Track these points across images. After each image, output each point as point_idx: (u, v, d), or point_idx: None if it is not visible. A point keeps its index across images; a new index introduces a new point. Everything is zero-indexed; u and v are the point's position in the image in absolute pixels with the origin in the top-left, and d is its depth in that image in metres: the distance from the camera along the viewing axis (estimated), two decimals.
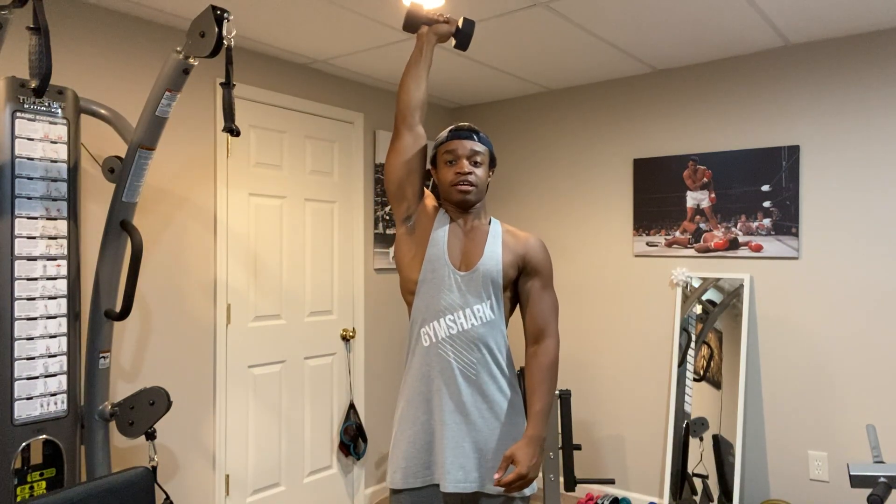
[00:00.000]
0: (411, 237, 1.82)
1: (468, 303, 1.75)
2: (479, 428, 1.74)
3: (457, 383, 1.73)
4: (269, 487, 3.35)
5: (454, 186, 1.79)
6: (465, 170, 1.78)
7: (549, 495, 3.31)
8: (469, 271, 1.77)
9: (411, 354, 1.82)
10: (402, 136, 1.80)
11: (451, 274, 1.77)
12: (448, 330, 1.74)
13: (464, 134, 1.82)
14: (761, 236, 3.35)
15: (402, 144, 1.80)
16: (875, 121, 3.08)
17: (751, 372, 3.38)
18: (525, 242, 1.83)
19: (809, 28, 3.04)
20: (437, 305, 1.76)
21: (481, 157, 1.82)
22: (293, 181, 3.51)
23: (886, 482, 1.77)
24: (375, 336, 3.96)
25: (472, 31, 1.92)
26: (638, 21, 2.92)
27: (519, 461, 1.65)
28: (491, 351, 1.76)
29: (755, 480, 3.36)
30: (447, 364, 1.74)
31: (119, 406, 2.28)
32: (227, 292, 3.17)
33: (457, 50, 1.98)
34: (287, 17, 2.84)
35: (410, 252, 1.81)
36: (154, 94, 2.10)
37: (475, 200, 1.81)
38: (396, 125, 1.81)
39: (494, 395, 1.76)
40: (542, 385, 1.75)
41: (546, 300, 1.82)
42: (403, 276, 1.83)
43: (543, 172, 4.17)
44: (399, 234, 1.84)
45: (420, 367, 1.78)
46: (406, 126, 1.80)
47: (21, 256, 2.01)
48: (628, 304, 3.79)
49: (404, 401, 1.80)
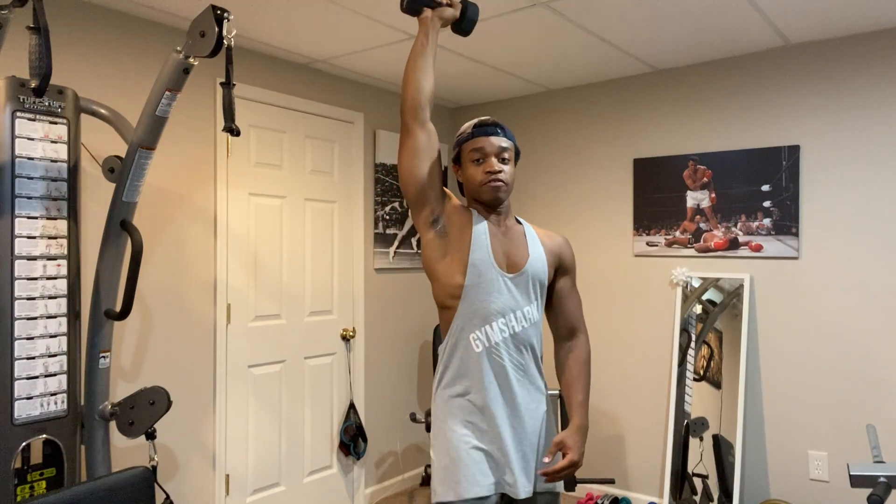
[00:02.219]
0: (444, 240, 1.72)
1: (519, 305, 1.73)
2: (531, 430, 1.75)
3: (511, 388, 1.72)
4: (269, 487, 3.35)
5: (486, 185, 1.73)
6: (496, 168, 1.72)
7: None
8: (517, 273, 1.74)
9: (456, 362, 1.72)
10: (416, 135, 1.67)
11: (500, 277, 1.72)
12: (501, 333, 1.70)
13: (490, 130, 1.75)
14: (761, 236, 3.35)
15: (416, 144, 1.68)
16: (875, 120, 3.08)
17: (751, 372, 3.38)
18: (559, 242, 1.88)
19: (809, 28, 3.04)
20: (488, 309, 1.70)
21: (508, 153, 1.76)
22: (293, 181, 3.51)
23: (886, 482, 1.77)
24: (375, 336, 3.96)
25: (477, 16, 1.82)
26: (638, 21, 2.92)
27: (570, 448, 1.69)
28: (534, 350, 1.79)
29: (755, 480, 3.35)
30: (502, 369, 1.71)
31: (119, 406, 2.28)
32: (227, 292, 3.17)
33: (457, 35, 1.83)
34: (287, 17, 2.84)
35: (447, 256, 1.71)
36: (154, 94, 2.10)
37: (505, 198, 1.78)
38: (407, 123, 1.68)
39: (537, 394, 1.78)
40: (581, 378, 1.82)
41: (576, 297, 1.89)
42: (443, 282, 1.72)
43: (543, 172, 4.17)
44: (428, 240, 1.73)
45: (473, 375, 1.70)
46: (418, 123, 1.67)
47: (21, 256, 2.01)
48: (628, 304, 3.79)
49: (455, 408, 1.71)
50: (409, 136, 1.68)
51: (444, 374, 1.75)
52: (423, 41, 1.70)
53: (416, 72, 1.68)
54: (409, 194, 1.70)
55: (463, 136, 1.79)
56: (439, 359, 1.78)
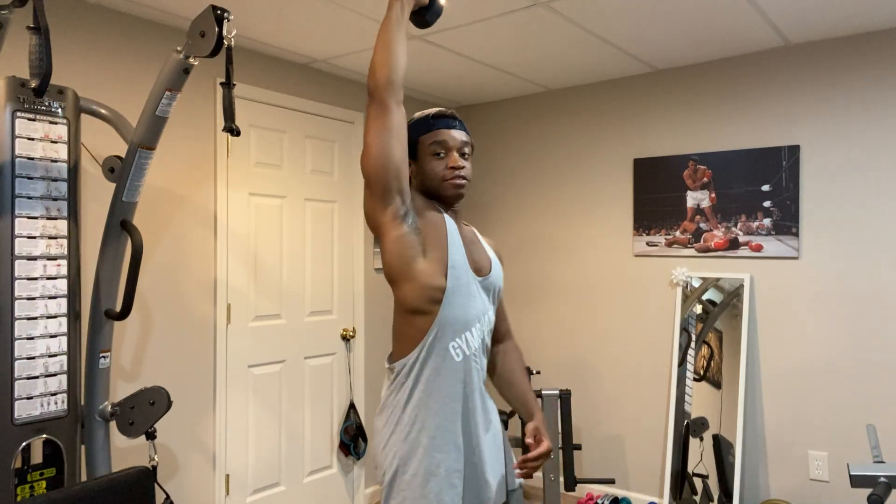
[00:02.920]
0: (419, 237, 1.53)
1: (487, 309, 1.64)
2: (499, 435, 1.70)
3: (483, 396, 1.65)
4: (270, 487, 3.35)
5: (448, 181, 1.60)
6: (459, 164, 1.60)
7: (549, 495, 3.31)
8: (485, 277, 1.65)
9: (432, 374, 1.53)
10: (392, 112, 1.48)
11: (473, 280, 1.61)
12: (475, 340, 1.59)
13: (452, 122, 1.64)
14: (761, 236, 3.35)
15: (392, 122, 1.48)
16: (875, 120, 3.08)
17: (751, 372, 3.38)
18: (495, 246, 1.84)
19: (809, 28, 3.04)
20: (467, 315, 1.56)
21: (468, 147, 1.66)
22: (293, 181, 3.51)
23: (886, 482, 1.77)
24: (375, 336, 3.96)
25: (441, 12, 1.70)
26: (638, 21, 2.92)
27: (544, 434, 1.71)
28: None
29: (755, 480, 3.36)
30: (479, 376, 1.62)
31: (119, 406, 2.28)
32: (227, 292, 3.17)
33: (416, 26, 1.73)
34: (287, 17, 2.84)
35: (426, 255, 1.53)
36: (154, 94, 2.10)
37: (464, 196, 1.68)
38: (383, 99, 1.48)
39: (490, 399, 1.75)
40: (524, 374, 1.84)
41: (502, 300, 1.87)
42: (422, 284, 1.51)
43: (543, 172, 4.17)
44: (399, 235, 1.51)
45: (452, 386, 1.54)
46: (395, 100, 1.49)
47: (21, 256, 2.01)
48: (628, 304, 3.79)
49: (433, 427, 1.52)
50: (386, 113, 1.48)
51: (412, 387, 1.53)
52: (399, 14, 1.54)
53: (394, 43, 1.50)
54: (378, 180, 1.48)
55: (421, 128, 1.64)
56: (395, 380, 1.55)
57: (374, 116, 1.49)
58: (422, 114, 1.67)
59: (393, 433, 1.54)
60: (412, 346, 1.54)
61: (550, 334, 4.10)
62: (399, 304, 1.56)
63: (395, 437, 1.54)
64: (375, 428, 1.60)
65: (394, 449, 1.53)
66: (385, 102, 1.49)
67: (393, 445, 1.53)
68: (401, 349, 1.56)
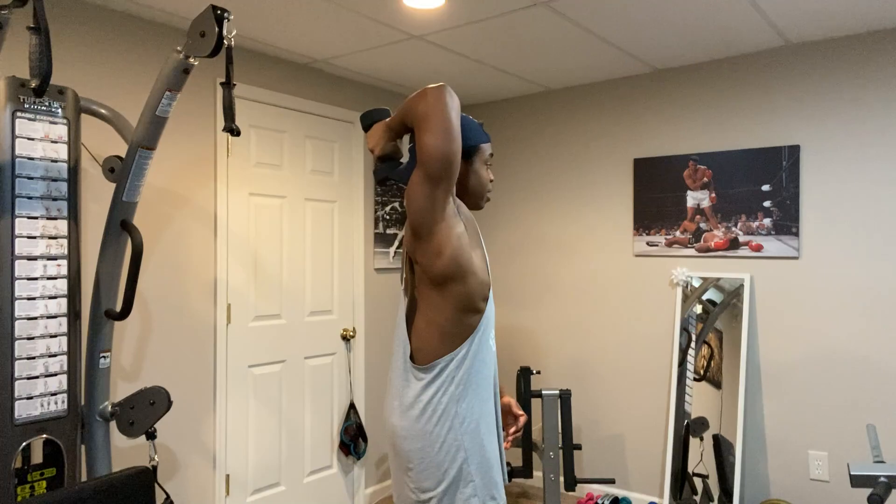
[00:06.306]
0: (467, 233, 1.53)
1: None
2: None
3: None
4: (270, 487, 3.35)
5: (488, 192, 1.73)
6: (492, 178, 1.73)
7: (549, 495, 3.31)
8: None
9: (479, 365, 1.56)
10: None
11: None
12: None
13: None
14: (761, 236, 3.35)
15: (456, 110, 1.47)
16: (875, 120, 3.08)
17: (751, 372, 3.38)
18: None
19: (809, 28, 3.04)
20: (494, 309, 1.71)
21: None
22: (293, 181, 3.51)
23: (886, 482, 1.77)
24: (375, 336, 3.96)
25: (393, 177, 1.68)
26: (638, 21, 2.92)
27: (518, 406, 1.81)
28: None
29: (755, 480, 3.36)
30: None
31: (119, 406, 2.28)
32: (227, 292, 3.17)
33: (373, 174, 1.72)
34: (287, 17, 2.84)
35: (475, 252, 1.53)
36: (154, 94, 2.10)
37: None
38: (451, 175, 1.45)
39: None
40: None
41: None
42: (478, 280, 1.52)
43: (543, 172, 4.17)
44: (461, 232, 1.50)
45: (489, 377, 1.61)
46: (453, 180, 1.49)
47: (21, 256, 2.01)
48: (628, 304, 3.79)
49: (486, 414, 1.59)
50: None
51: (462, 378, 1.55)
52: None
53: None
54: (446, 172, 1.44)
55: (482, 136, 1.68)
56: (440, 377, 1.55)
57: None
58: (476, 122, 1.69)
59: (451, 429, 1.53)
60: (458, 343, 1.54)
61: (550, 334, 4.10)
62: (450, 301, 1.52)
63: (454, 433, 1.53)
64: (414, 431, 1.55)
65: (455, 443, 1.53)
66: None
67: (454, 441, 1.53)
68: (441, 348, 1.54)
